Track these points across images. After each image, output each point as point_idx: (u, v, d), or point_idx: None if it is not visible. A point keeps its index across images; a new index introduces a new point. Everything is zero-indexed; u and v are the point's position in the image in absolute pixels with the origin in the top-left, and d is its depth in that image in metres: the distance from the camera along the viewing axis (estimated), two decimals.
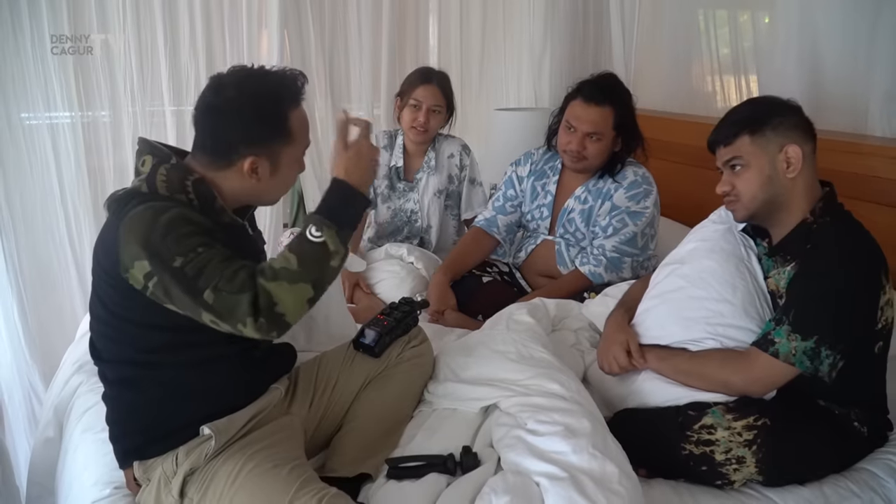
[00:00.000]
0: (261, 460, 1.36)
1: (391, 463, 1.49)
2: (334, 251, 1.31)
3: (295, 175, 1.52)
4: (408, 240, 2.79)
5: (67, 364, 2.08)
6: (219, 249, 1.30)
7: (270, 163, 1.43)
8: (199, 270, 1.26)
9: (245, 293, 1.25)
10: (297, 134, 1.44)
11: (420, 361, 1.75)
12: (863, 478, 1.56)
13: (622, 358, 1.71)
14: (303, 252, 1.29)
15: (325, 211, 1.34)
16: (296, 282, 1.27)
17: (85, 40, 2.79)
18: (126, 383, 1.43)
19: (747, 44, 2.97)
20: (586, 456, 1.38)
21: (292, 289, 1.26)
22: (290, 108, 1.42)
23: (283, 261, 1.28)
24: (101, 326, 1.44)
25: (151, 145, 1.45)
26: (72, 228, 2.83)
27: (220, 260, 1.28)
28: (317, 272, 1.29)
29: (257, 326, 1.25)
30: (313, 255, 1.30)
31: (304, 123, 1.46)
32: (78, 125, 2.80)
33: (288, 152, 1.44)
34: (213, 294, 1.25)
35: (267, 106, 1.40)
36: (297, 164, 1.49)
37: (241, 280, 1.26)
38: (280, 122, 1.41)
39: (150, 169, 1.39)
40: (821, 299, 1.52)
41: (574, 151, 2.27)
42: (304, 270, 1.28)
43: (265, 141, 1.41)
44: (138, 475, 1.43)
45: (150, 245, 1.27)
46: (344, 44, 3.34)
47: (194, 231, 1.31)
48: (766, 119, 1.59)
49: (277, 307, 1.26)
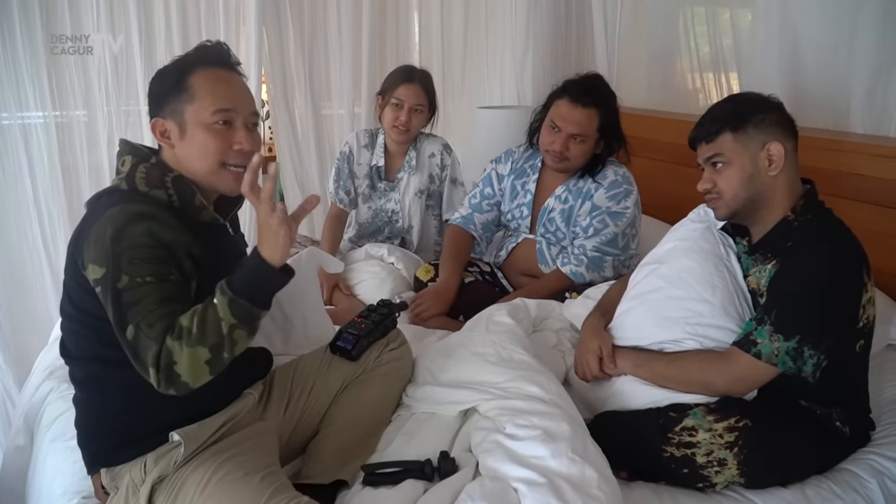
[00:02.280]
0: (231, 468, 1.33)
1: (367, 469, 1.46)
2: (222, 318, 1.24)
3: (214, 142, 1.39)
4: (389, 240, 2.77)
5: (38, 370, 2.04)
6: (166, 284, 1.27)
7: (176, 123, 1.40)
8: (134, 302, 1.24)
9: (154, 344, 1.23)
10: (199, 91, 1.39)
11: (399, 365, 1.72)
12: (845, 479, 1.54)
13: (594, 365, 1.69)
14: (204, 315, 1.25)
15: (232, 278, 1.28)
16: (193, 345, 1.23)
17: (58, 40, 2.75)
18: (94, 383, 1.40)
19: (729, 41, 2.96)
20: (565, 460, 1.36)
21: (190, 351, 1.22)
22: (191, 66, 1.40)
23: (189, 320, 1.24)
24: (70, 323, 1.41)
25: (132, 146, 1.45)
26: (45, 230, 2.79)
27: (157, 299, 1.25)
28: (214, 337, 1.24)
29: (156, 380, 1.23)
30: (212, 319, 1.24)
31: (212, 83, 1.40)
32: (51, 125, 2.77)
33: (191, 112, 1.39)
34: (134, 331, 1.24)
35: (169, 67, 1.43)
36: (208, 127, 1.38)
37: (158, 329, 1.23)
38: (175, 78, 1.40)
39: (129, 167, 1.38)
40: (803, 298, 1.50)
41: (557, 152, 2.25)
42: (200, 334, 1.23)
43: (162, 98, 1.41)
44: (106, 483, 1.40)
45: (111, 255, 1.25)
46: (324, 41, 3.32)
47: (155, 256, 1.27)
48: (748, 116, 1.58)
49: (176, 367, 1.23)
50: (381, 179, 2.72)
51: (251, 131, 1.45)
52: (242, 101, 1.44)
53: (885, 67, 2.28)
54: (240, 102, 1.43)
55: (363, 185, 2.72)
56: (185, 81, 1.39)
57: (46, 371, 1.97)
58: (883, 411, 1.75)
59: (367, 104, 3.33)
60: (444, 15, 3.57)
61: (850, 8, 2.35)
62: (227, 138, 1.41)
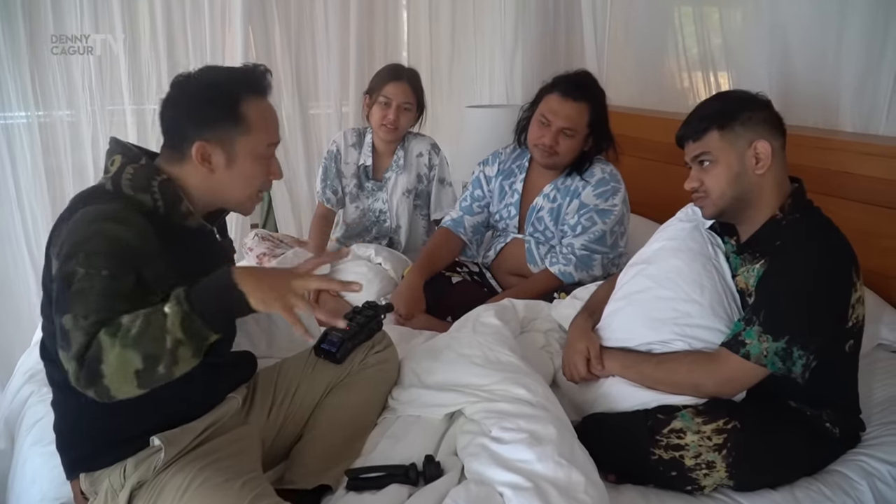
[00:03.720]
0: (212, 473, 1.30)
1: (351, 474, 1.44)
2: (169, 330, 1.14)
3: (260, 173, 1.42)
4: (377, 240, 2.75)
5: (20, 373, 2.02)
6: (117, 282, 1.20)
7: (224, 151, 1.37)
8: (80, 291, 1.18)
9: (84, 336, 1.15)
10: (255, 124, 1.37)
11: (384, 367, 1.70)
12: (835, 480, 1.53)
13: (581, 367, 1.68)
14: (148, 321, 1.15)
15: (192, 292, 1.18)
16: (126, 346, 1.13)
17: (41, 39, 2.72)
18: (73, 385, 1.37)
19: (718, 40, 2.95)
20: (552, 464, 1.34)
21: (121, 352, 1.13)
22: (243, 94, 1.37)
23: (131, 320, 1.15)
24: (49, 323, 1.37)
25: (123, 145, 1.41)
26: (28, 231, 2.77)
27: (104, 293, 1.18)
28: (151, 347, 1.14)
29: (76, 376, 1.16)
30: (155, 327, 1.14)
31: (265, 115, 1.40)
32: (34, 125, 2.74)
33: (244, 143, 1.37)
34: (71, 320, 1.17)
35: (217, 88, 1.36)
36: (259, 159, 1.41)
37: (93, 320, 1.16)
38: (229, 106, 1.35)
39: (118, 167, 1.35)
40: (791, 298, 1.49)
41: (546, 146, 2.24)
42: (138, 339, 1.13)
43: (213, 124, 1.35)
44: (85, 488, 1.37)
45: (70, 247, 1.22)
46: (311, 40, 3.30)
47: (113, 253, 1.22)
48: (734, 114, 1.56)
49: (102, 365, 1.14)
50: (369, 179, 2.70)
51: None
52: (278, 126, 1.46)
53: (873, 66, 2.28)
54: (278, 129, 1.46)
55: (351, 185, 2.70)
56: (240, 111, 1.35)
57: (27, 374, 1.94)
58: (873, 412, 1.74)
59: (355, 103, 3.31)
60: (432, 13, 3.55)
61: (839, 5, 2.34)
62: (269, 167, 1.44)
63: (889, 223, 2.10)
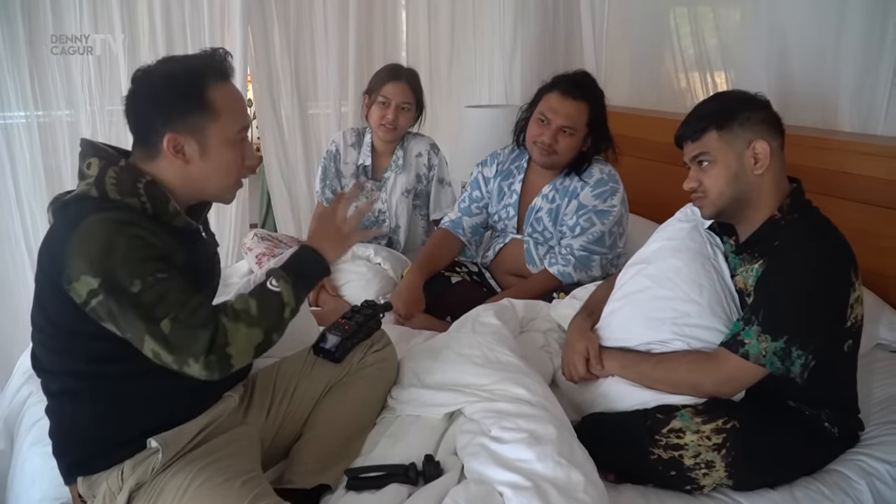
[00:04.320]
0: (211, 474, 1.30)
1: (350, 473, 1.44)
2: (287, 302, 1.33)
3: (235, 159, 1.40)
4: (376, 240, 2.74)
5: (18, 373, 2.02)
6: (177, 278, 1.26)
7: (196, 141, 1.35)
8: (159, 298, 1.22)
9: (206, 329, 1.23)
10: (223, 110, 1.36)
11: (383, 367, 1.70)
12: (834, 480, 1.53)
13: (580, 367, 1.68)
14: (262, 299, 1.31)
15: (288, 268, 1.38)
16: (252, 326, 1.27)
17: (41, 39, 2.72)
18: (69, 395, 1.37)
19: (717, 40, 2.95)
20: (551, 464, 1.34)
21: (248, 332, 1.26)
22: (208, 80, 1.35)
23: (243, 303, 1.29)
24: (43, 337, 1.37)
25: (96, 147, 1.37)
26: (28, 231, 2.76)
27: (180, 290, 1.25)
28: (271, 320, 1.30)
29: (206, 363, 1.23)
30: (270, 303, 1.31)
31: (232, 100, 1.38)
32: (34, 125, 2.73)
33: (215, 130, 1.36)
34: (171, 324, 1.22)
35: (181, 77, 1.34)
36: (233, 146, 1.39)
37: (203, 315, 1.24)
38: (196, 94, 1.33)
39: (97, 171, 1.31)
40: (790, 298, 1.49)
41: (545, 144, 2.24)
42: (260, 316, 1.29)
43: (182, 114, 1.33)
44: (83, 491, 1.36)
45: (106, 264, 1.21)
46: (310, 40, 3.29)
47: (153, 255, 1.26)
48: (733, 114, 1.56)
49: (229, 347, 1.24)
50: (368, 179, 2.70)
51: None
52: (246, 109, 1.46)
53: (872, 65, 2.28)
54: (247, 111, 1.45)
55: (350, 185, 2.70)
56: (206, 98, 1.34)
57: (27, 374, 1.93)
58: (872, 411, 1.74)
59: (354, 103, 3.31)
60: (431, 13, 3.55)
61: (838, 6, 2.34)
62: (242, 152, 1.42)
63: (887, 223, 2.10)
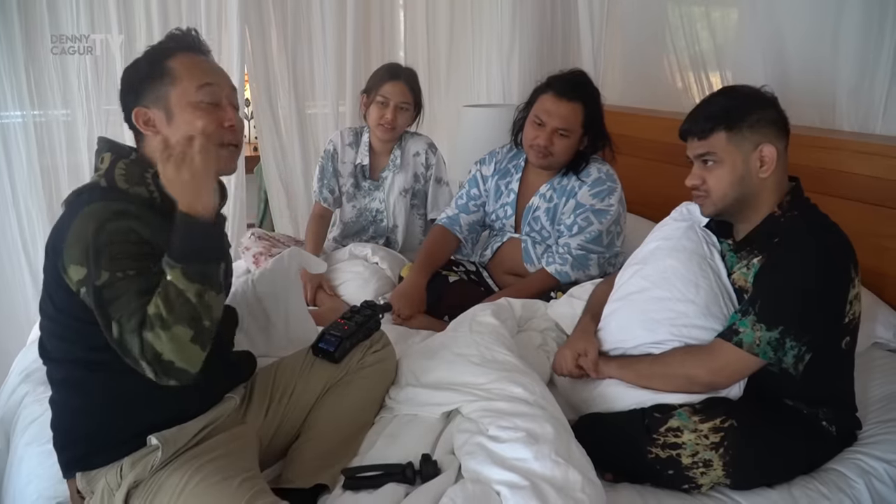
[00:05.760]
0: (209, 472, 1.30)
1: (347, 473, 1.44)
2: (184, 289, 1.19)
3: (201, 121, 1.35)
4: (373, 239, 2.74)
5: (15, 373, 2.01)
6: (147, 277, 1.22)
7: (161, 109, 1.38)
8: (114, 298, 1.21)
9: (136, 338, 1.18)
10: (180, 73, 1.38)
11: (382, 367, 1.69)
12: (832, 479, 1.53)
13: (570, 363, 1.68)
14: (166, 295, 1.19)
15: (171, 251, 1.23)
16: (169, 327, 1.17)
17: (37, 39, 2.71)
18: (72, 385, 1.37)
19: (715, 39, 2.95)
20: (549, 463, 1.34)
21: (169, 335, 1.17)
22: (171, 52, 1.40)
23: (154, 307, 1.19)
24: (50, 323, 1.38)
25: (111, 143, 1.42)
26: (24, 231, 2.76)
27: (137, 292, 1.21)
28: (185, 312, 1.19)
29: (153, 373, 1.20)
30: (171, 297, 1.19)
31: (192, 65, 1.40)
32: (30, 124, 2.73)
33: (175, 94, 1.37)
34: (117, 328, 1.20)
35: (148, 55, 1.41)
36: (197, 107, 1.38)
37: (135, 323, 1.19)
38: (157, 65, 1.38)
39: (108, 164, 1.36)
40: (788, 290, 1.49)
41: (541, 147, 2.23)
42: (170, 314, 1.18)
43: (146, 87, 1.37)
44: (81, 487, 1.36)
45: (90, 252, 1.23)
46: (308, 40, 3.29)
47: (134, 251, 1.24)
48: (743, 116, 1.54)
49: (162, 356, 1.18)
50: (366, 178, 2.70)
51: (236, 110, 1.46)
52: (223, 77, 1.46)
53: (870, 65, 2.28)
54: (221, 78, 1.45)
55: (347, 184, 2.69)
56: (164, 66, 1.38)
57: (23, 374, 1.93)
58: (869, 410, 1.74)
59: (352, 103, 3.30)
60: (429, 13, 3.55)
61: (835, 5, 2.34)
62: (217, 117, 1.41)
63: (885, 222, 2.11)
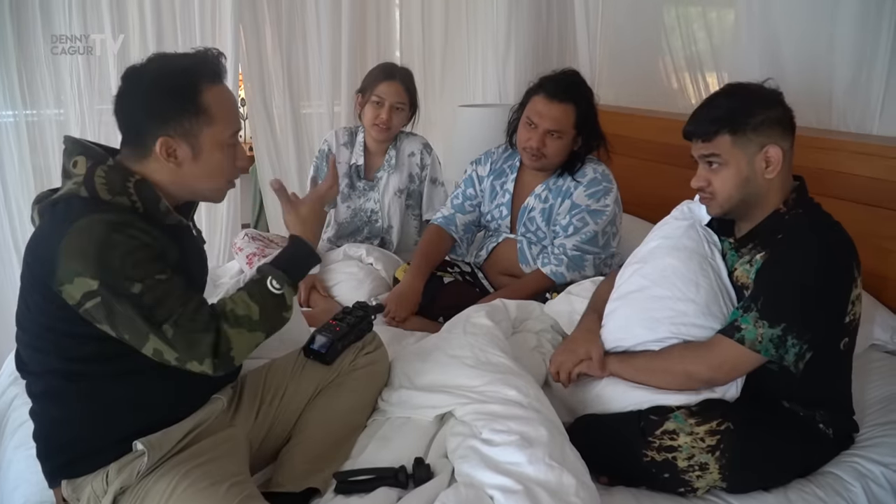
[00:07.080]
0: (197, 477, 1.28)
1: (339, 477, 1.42)
2: (290, 305, 1.36)
3: (227, 163, 1.39)
4: (368, 240, 2.72)
5: (4, 375, 1.99)
6: (175, 280, 1.27)
7: (189, 144, 1.34)
8: (158, 301, 1.23)
9: (208, 333, 1.25)
10: (217, 113, 1.34)
11: (374, 369, 1.68)
12: (829, 482, 1.52)
13: (569, 368, 1.65)
14: (265, 304, 1.32)
15: (284, 265, 1.38)
16: (254, 330, 1.30)
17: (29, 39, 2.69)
18: (52, 396, 1.35)
19: (711, 39, 2.94)
20: (543, 466, 1.32)
21: (250, 336, 1.29)
22: (202, 83, 1.33)
23: (245, 308, 1.30)
24: (27, 336, 1.35)
25: (82, 145, 1.35)
26: (16, 230, 2.75)
27: (179, 293, 1.26)
28: (273, 323, 1.34)
29: (212, 365, 1.25)
30: (273, 307, 1.33)
31: (226, 104, 1.37)
32: (22, 124, 2.71)
33: (208, 134, 1.34)
34: (172, 328, 1.23)
35: (173, 79, 1.32)
36: (225, 148, 1.38)
37: (203, 320, 1.26)
38: (190, 97, 1.31)
39: (85, 171, 1.29)
40: (791, 288, 1.48)
41: (534, 149, 2.22)
42: (263, 321, 1.31)
43: (174, 117, 1.31)
44: (67, 495, 1.34)
45: (105, 266, 1.21)
46: (302, 39, 3.27)
47: (150, 256, 1.26)
48: (748, 118, 1.51)
49: (232, 351, 1.27)
50: (361, 178, 2.68)
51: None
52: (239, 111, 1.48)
53: (866, 65, 2.27)
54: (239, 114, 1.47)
55: (342, 184, 2.67)
56: (200, 102, 1.32)
57: (13, 376, 1.91)
58: (866, 413, 1.73)
59: (347, 103, 3.28)
60: (424, 12, 3.53)
61: (831, 5, 2.33)
62: (236, 152, 1.42)
63: (883, 223, 2.10)
